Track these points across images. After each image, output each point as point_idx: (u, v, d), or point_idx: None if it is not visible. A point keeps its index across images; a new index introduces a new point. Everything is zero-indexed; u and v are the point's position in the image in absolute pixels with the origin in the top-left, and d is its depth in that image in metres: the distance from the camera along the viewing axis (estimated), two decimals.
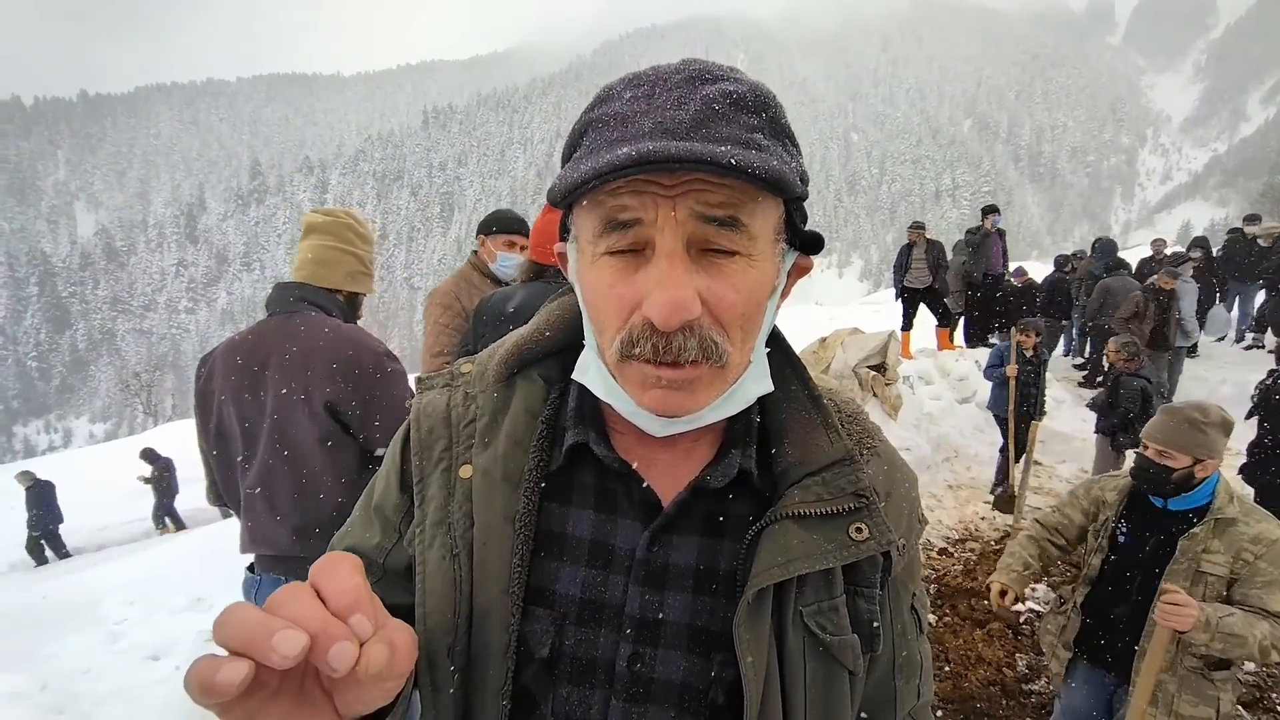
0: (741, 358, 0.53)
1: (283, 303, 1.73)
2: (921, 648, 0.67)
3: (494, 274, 2.63)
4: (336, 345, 1.61)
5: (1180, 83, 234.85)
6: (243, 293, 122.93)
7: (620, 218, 0.49)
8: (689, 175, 0.47)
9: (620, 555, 0.58)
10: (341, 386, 1.57)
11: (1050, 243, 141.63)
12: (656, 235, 0.48)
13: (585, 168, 0.47)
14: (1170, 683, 1.86)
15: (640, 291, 0.49)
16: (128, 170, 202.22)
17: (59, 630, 3.76)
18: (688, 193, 0.47)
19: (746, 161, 0.45)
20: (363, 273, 1.87)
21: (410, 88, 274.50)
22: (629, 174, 0.46)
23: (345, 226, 1.82)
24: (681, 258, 0.48)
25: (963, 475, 6.22)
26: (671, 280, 0.47)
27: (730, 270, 0.50)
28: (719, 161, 0.45)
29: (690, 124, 0.47)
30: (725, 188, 0.47)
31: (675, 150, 0.45)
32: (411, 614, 0.59)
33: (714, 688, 0.55)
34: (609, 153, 0.47)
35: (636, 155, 0.45)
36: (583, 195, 0.49)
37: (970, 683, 3.19)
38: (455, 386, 0.64)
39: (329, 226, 1.80)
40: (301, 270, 1.79)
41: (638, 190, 0.47)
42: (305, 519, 1.60)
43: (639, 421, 0.55)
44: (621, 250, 0.50)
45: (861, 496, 0.58)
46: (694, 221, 0.48)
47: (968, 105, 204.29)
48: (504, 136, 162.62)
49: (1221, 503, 1.89)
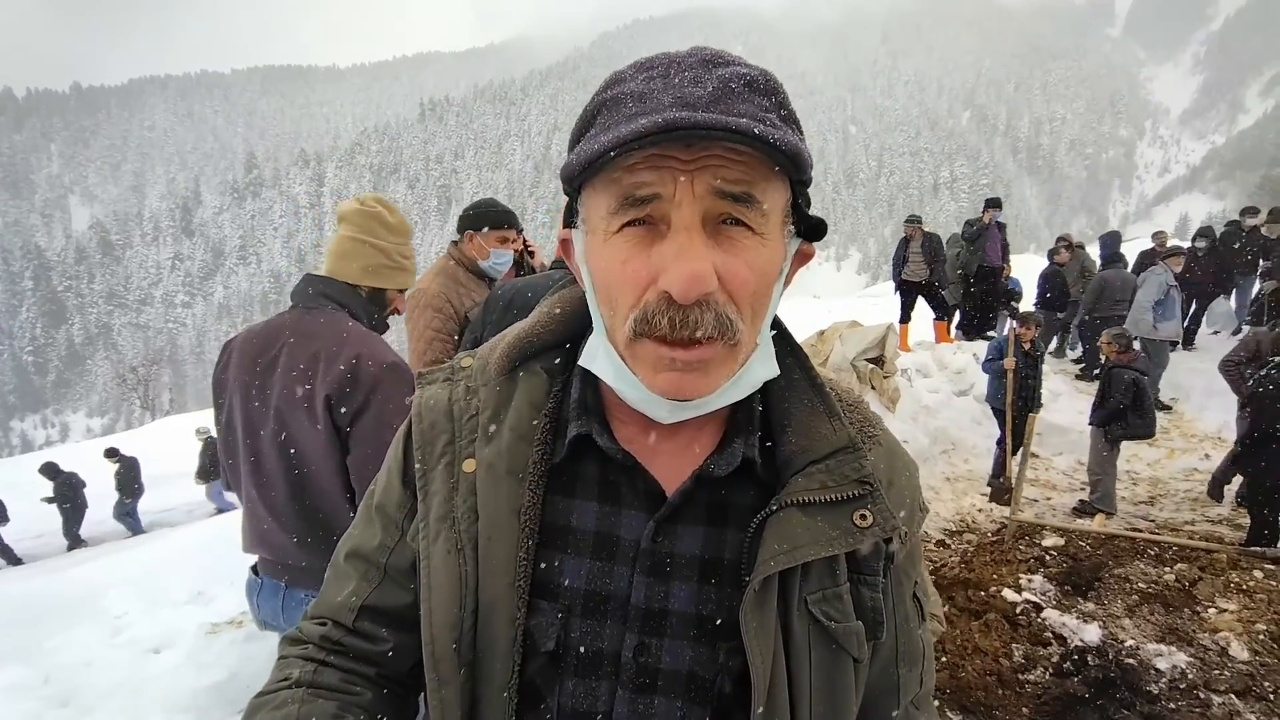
0: (750, 338, 0.53)
1: (304, 295, 1.65)
2: (924, 636, 0.67)
3: (484, 271, 2.53)
4: (343, 349, 1.52)
5: (1179, 75, 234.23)
6: (239, 286, 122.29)
7: (638, 193, 0.48)
8: (707, 151, 0.47)
9: (625, 546, 0.57)
10: (339, 392, 1.49)
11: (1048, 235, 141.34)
12: (673, 210, 0.48)
13: (608, 138, 0.47)
14: None
15: (656, 267, 0.49)
16: (122, 163, 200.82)
17: (61, 623, 3.77)
18: (705, 168, 0.47)
19: (768, 133, 0.46)
20: (387, 266, 1.72)
21: (406, 79, 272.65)
22: (656, 141, 0.46)
23: (370, 216, 1.70)
24: (699, 232, 0.48)
25: (960, 468, 6.25)
26: (690, 253, 0.47)
27: (744, 246, 0.50)
28: (745, 131, 0.45)
29: (709, 100, 0.47)
30: (741, 164, 0.48)
31: (701, 119, 0.45)
32: (412, 612, 0.60)
33: (721, 677, 0.55)
34: (628, 125, 0.47)
35: (664, 122, 0.45)
36: (599, 171, 0.49)
37: (967, 673, 3.22)
38: (456, 381, 0.64)
39: (353, 216, 1.70)
40: (326, 262, 1.70)
41: (655, 165, 0.48)
42: (305, 526, 1.55)
43: (647, 408, 0.55)
44: (637, 223, 0.50)
45: (865, 483, 0.58)
46: (711, 197, 0.48)
47: (966, 97, 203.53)
48: (501, 129, 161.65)
49: None
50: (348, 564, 0.66)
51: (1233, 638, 3.44)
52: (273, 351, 1.57)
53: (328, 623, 0.64)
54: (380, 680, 0.63)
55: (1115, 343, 5.23)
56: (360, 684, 0.62)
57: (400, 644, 0.63)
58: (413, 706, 0.67)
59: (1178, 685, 3.16)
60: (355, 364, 1.49)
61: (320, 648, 0.64)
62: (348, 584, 0.64)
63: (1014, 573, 4.27)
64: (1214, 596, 3.87)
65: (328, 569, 0.69)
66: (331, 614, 0.64)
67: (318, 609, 0.66)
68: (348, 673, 0.62)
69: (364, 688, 0.62)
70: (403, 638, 0.62)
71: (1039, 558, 4.50)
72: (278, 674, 0.63)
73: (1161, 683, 3.17)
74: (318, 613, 0.66)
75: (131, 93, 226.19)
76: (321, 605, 0.66)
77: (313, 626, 0.65)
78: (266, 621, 1.66)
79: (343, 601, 0.64)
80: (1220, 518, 5.21)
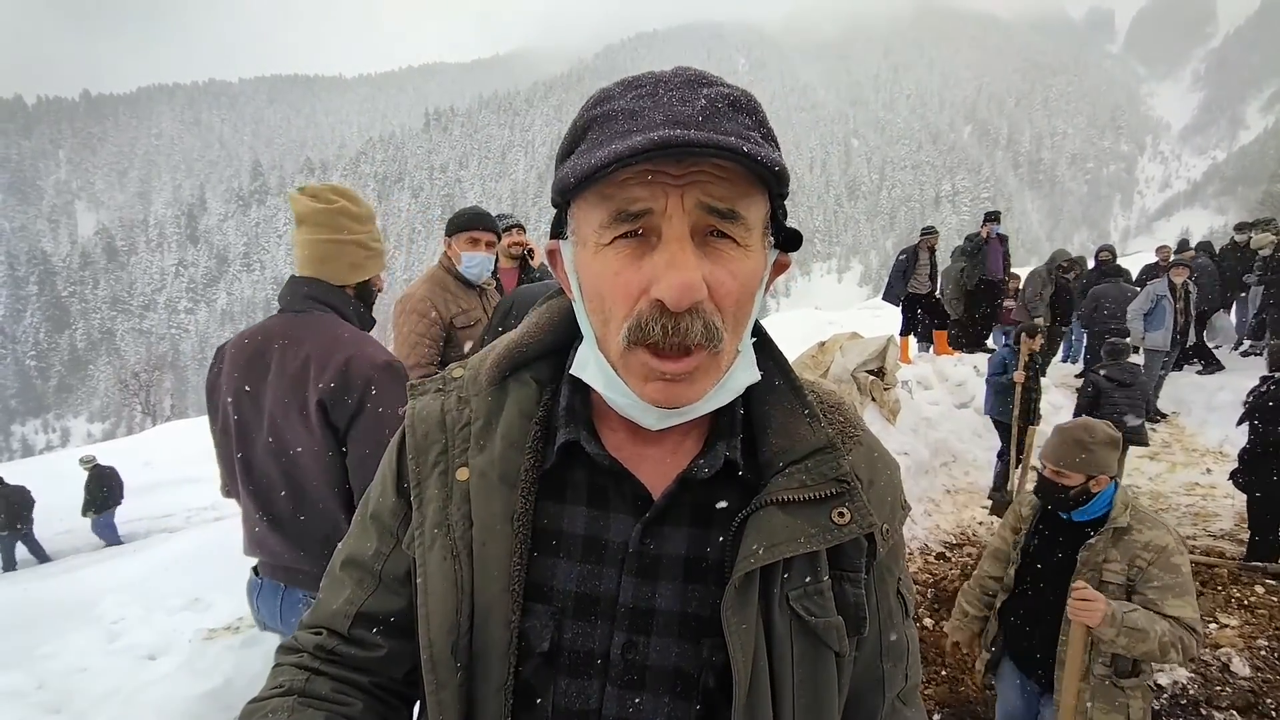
0: (733, 346, 0.55)
1: (294, 299, 1.62)
2: (908, 632, 0.68)
3: (463, 276, 2.51)
4: (335, 353, 1.50)
5: (1180, 91, 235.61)
6: (243, 293, 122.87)
7: (631, 209, 0.51)
8: (695, 167, 0.49)
9: (613, 549, 0.59)
10: (332, 396, 1.48)
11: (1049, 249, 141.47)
12: (664, 223, 0.50)
13: (604, 153, 0.49)
14: (1084, 691, 1.95)
15: (648, 277, 0.51)
16: (129, 170, 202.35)
17: (56, 629, 3.76)
18: (694, 183, 0.50)
19: (756, 151, 0.49)
20: (367, 256, 1.67)
21: (412, 90, 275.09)
22: (650, 157, 0.47)
23: (336, 213, 1.62)
24: (689, 243, 0.51)
25: (960, 480, 6.23)
26: (682, 263, 0.50)
27: (729, 258, 0.52)
28: (734, 150, 0.48)
29: (699, 118, 0.49)
30: (727, 181, 0.50)
31: (694, 137, 0.47)
32: (407, 617, 0.62)
33: (705, 672, 0.57)
34: (623, 142, 0.48)
35: (659, 139, 0.47)
36: (590, 185, 0.51)
37: (966, 686, 3.19)
38: (448, 391, 0.65)
39: (319, 217, 1.62)
40: (304, 267, 1.65)
41: (646, 181, 0.50)
42: (301, 530, 1.54)
43: (636, 414, 0.57)
44: (629, 235, 0.52)
45: (843, 482, 0.59)
46: (699, 211, 0.50)
47: (968, 112, 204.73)
48: (505, 139, 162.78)
49: (1117, 513, 2.01)
50: (343, 572, 0.67)
51: (1234, 653, 3.41)
52: (266, 357, 1.56)
53: (322, 631, 0.66)
54: (373, 690, 0.64)
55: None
56: (352, 694, 0.63)
57: (395, 650, 0.64)
58: (407, 718, 0.68)
59: (1179, 701, 3.13)
60: (347, 367, 1.47)
61: (314, 656, 0.65)
62: (343, 592, 0.66)
63: None
64: (1215, 612, 3.84)
65: (323, 578, 0.70)
66: (326, 622, 0.66)
67: (313, 618, 0.68)
68: (340, 681, 0.63)
69: (355, 698, 0.63)
70: (398, 643, 0.64)
71: None
72: (271, 681, 0.64)
73: (1163, 699, 3.14)
74: (313, 621, 0.67)
75: (140, 101, 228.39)
76: (317, 614, 0.67)
77: (307, 635, 0.66)
78: (266, 623, 1.66)
79: (338, 609, 0.65)
80: (1222, 532, 5.18)
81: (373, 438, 1.47)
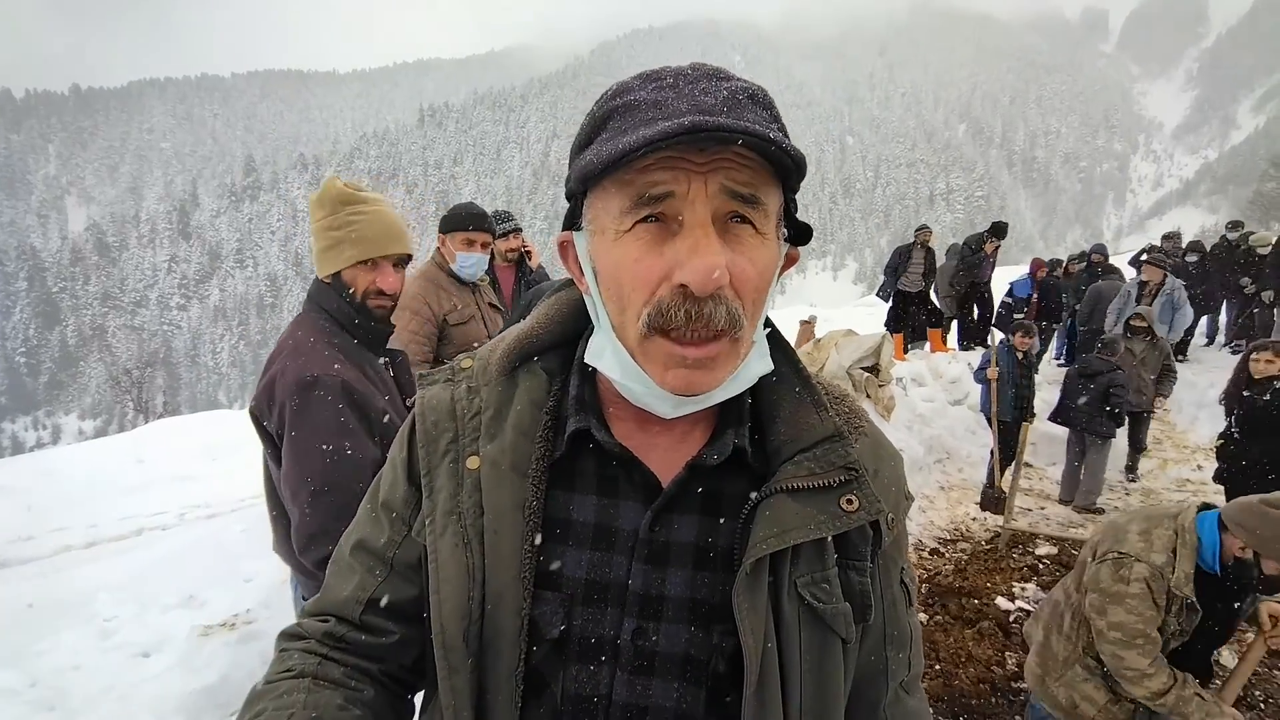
0: (750, 334, 0.56)
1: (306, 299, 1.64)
2: (911, 620, 0.69)
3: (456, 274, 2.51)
4: (273, 364, 1.48)
5: (1172, 90, 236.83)
6: (235, 289, 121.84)
7: (653, 191, 0.51)
8: (719, 154, 0.50)
9: (623, 536, 0.60)
10: (259, 407, 1.47)
11: (1043, 247, 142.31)
12: (686, 208, 0.51)
13: (632, 138, 0.49)
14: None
15: (670, 263, 0.51)
16: (120, 165, 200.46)
17: (49, 627, 3.73)
18: (717, 169, 0.50)
19: (783, 141, 0.50)
20: (325, 248, 1.56)
21: (406, 85, 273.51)
22: (679, 142, 0.48)
23: (312, 204, 1.59)
24: (712, 228, 0.51)
25: (954, 476, 6.27)
26: (707, 247, 0.50)
27: (749, 244, 0.53)
28: (763, 137, 0.49)
29: (723, 107, 0.51)
30: (749, 168, 0.51)
31: (725, 123, 0.48)
32: (417, 606, 0.63)
33: (715, 657, 0.58)
34: (651, 128, 0.49)
35: (690, 124, 0.47)
36: (610, 173, 0.52)
37: (961, 680, 3.22)
38: (457, 381, 0.65)
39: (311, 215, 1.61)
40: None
41: (669, 167, 0.50)
42: (282, 531, 1.58)
43: (650, 402, 0.57)
44: (650, 219, 0.52)
45: (851, 470, 0.60)
46: (722, 196, 0.51)
47: (962, 110, 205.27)
48: (500, 136, 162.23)
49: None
50: (352, 558, 0.67)
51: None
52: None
53: (330, 619, 0.65)
54: (381, 678, 0.65)
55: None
56: (362, 680, 0.63)
57: (406, 636, 0.64)
58: (410, 708, 0.68)
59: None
60: (272, 382, 1.46)
61: (323, 643, 0.64)
62: (352, 579, 0.65)
63: (1007, 581, 4.29)
64: None
65: (329, 565, 0.69)
66: (336, 610, 0.65)
67: (320, 605, 0.67)
68: (350, 668, 0.63)
69: (366, 684, 0.63)
70: (408, 630, 0.64)
71: (1032, 566, 4.52)
72: (278, 666, 0.63)
73: None
74: (320, 609, 0.67)
75: (131, 95, 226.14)
76: (324, 601, 0.67)
77: (314, 623, 0.66)
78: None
79: (349, 596, 0.65)
80: None
81: (290, 455, 1.43)
